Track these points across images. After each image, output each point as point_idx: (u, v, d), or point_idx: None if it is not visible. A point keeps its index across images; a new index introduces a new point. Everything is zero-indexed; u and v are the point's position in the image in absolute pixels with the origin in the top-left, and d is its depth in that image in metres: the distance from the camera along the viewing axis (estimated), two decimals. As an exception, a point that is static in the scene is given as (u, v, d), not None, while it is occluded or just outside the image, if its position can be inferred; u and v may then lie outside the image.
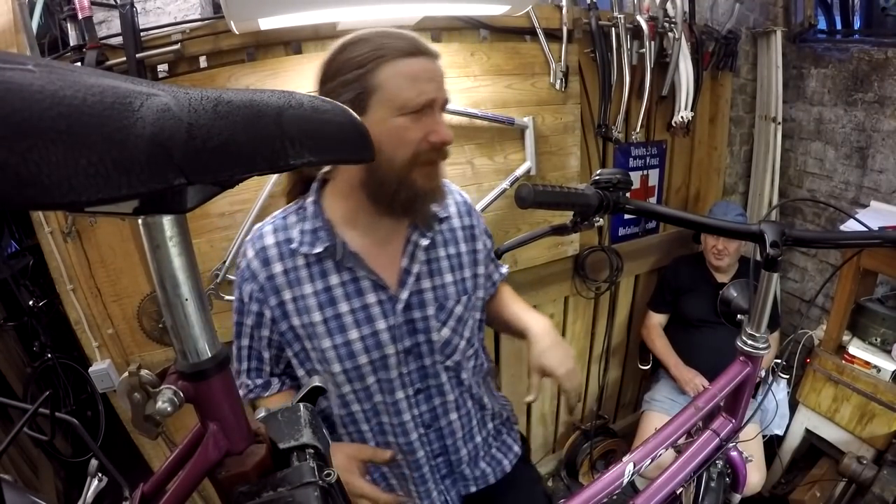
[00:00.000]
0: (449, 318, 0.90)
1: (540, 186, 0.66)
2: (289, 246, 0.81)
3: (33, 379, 2.29)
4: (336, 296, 0.82)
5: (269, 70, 1.31)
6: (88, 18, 1.14)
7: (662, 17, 1.73)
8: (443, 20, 1.47)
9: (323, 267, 0.82)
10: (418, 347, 0.88)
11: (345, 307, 0.83)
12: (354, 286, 0.83)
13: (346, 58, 0.73)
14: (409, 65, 0.72)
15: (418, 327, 0.87)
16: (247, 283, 0.83)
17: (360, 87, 0.71)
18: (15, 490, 0.55)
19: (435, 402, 0.92)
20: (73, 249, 1.26)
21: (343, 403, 0.89)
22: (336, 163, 0.39)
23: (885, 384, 1.63)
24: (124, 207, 0.32)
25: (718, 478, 0.97)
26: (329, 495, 0.40)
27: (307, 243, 0.80)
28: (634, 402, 2.50)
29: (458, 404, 0.95)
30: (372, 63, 0.71)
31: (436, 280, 0.88)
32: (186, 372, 0.38)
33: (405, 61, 0.72)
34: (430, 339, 0.88)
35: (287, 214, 0.85)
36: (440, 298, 0.89)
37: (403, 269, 0.85)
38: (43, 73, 0.26)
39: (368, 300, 0.83)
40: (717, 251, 1.90)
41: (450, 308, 0.90)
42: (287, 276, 0.82)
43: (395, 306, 0.84)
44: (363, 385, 0.87)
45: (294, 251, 0.81)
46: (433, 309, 0.88)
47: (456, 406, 0.95)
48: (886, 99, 1.97)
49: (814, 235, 0.82)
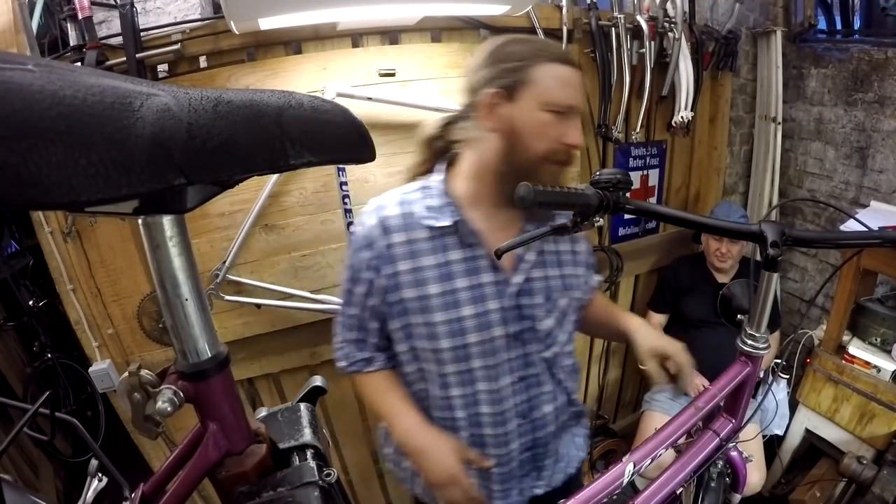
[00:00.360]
0: (554, 309, 0.93)
1: (540, 186, 0.66)
2: (412, 218, 0.85)
3: (33, 379, 2.29)
4: (454, 271, 0.85)
5: (269, 70, 1.31)
6: (88, 18, 1.14)
7: (662, 17, 1.73)
8: (443, 20, 1.47)
9: (444, 242, 0.85)
10: (523, 334, 0.91)
11: (461, 283, 0.85)
12: (472, 264, 0.86)
13: (510, 50, 0.80)
14: (562, 70, 0.80)
15: (525, 314, 0.90)
16: (363, 251, 0.86)
17: (517, 76, 0.79)
18: (15, 490, 0.55)
19: (532, 392, 0.94)
20: (73, 249, 1.26)
21: (444, 385, 0.90)
22: (336, 163, 0.39)
23: (885, 384, 1.63)
24: (124, 207, 0.32)
25: (718, 478, 0.97)
26: (329, 495, 0.40)
27: (435, 217, 0.85)
28: (634, 402, 2.50)
29: (553, 396, 0.97)
30: (532, 59, 0.78)
31: (546, 272, 0.92)
32: (186, 372, 0.38)
33: (560, 66, 0.80)
34: (535, 327, 0.91)
35: (410, 192, 0.89)
36: (548, 290, 0.92)
37: (518, 256, 0.89)
38: (43, 73, 0.26)
39: (483, 279, 0.86)
40: (721, 254, 1.89)
41: (555, 300, 0.93)
42: (407, 247, 0.85)
43: (507, 289, 0.88)
44: (468, 367, 0.89)
45: (417, 224, 0.85)
46: (541, 298, 0.91)
47: (551, 398, 0.97)
48: (886, 99, 1.97)
49: (814, 235, 0.82)
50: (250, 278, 1.40)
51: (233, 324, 1.43)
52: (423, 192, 0.88)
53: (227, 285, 1.39)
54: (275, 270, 1.43)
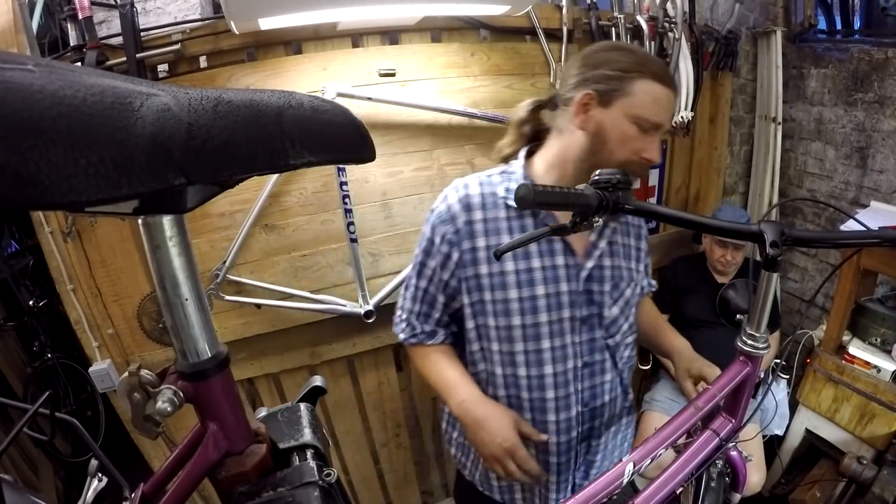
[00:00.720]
0: (620, 298, 0.96)
1: (540, 187, 0.66)
2: (493, 198, 0.89)
3: (33, 379, 2.28)
4: (531, 250, 0.89)
5: (269, 70, 1.31)
6: (88, 18, 1.14)
7: (662, 17, 1.73)
8: (443, 20, 1.47)
9: (523, 222, 0.89)
10: (591, 319, 0.93)
11: (537, 263, 0.89)
12: (548, 245, 0.90)
13: (614, 58, 0.83)
14: (659, 89, 0.83)
15: (595, 299, 0.93)
16: (443, 225, 0.90)
17: (616, 85, 0.82)
18: (15, 490, 0.55)
19: (596, 379, 0.96)
20: (73, 249, 1.26)
21: (511, 363, 0.92)
22: (336, 163, 0.39)
23: (885, 384, 1.63)
24: (124, 207, 0.32)
25: (718, 478, 0.97)
26: (329, 495, 0.40)
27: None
28: (634, 402, 2.50)
29: (612, 386, 0.99)
30: (634, 73, 0.82)
31: (614, 261, 0.96)
32: (186, 372, 0.38)
33: (657, 85, 0.82)
34: (602, 313, 0.94)
35: (491, 174, 0.93)
36: (616, 278, 0.95)
37: (591, 243, 0.93)
38: (43, 73, 0.26)
39: (557, 262, 0.90)
40: (724, 262, 1.87)
41: (622, 289, 0.97)
42: (486, 225, 0.89)
43: (579, 273, 0.91)
44: (536, 347, 0.91)
45: (498, 203, 0.89)
46: (609, 286, 0.94)
47: (611, 387, 0.99)
48: (886, 99, 1.96)
49: (813, 235, 0.82)
50: (250, 278, 1.40)
51: (233, 324, 1.43)
52: (503, 175, 0.92)
53: (227, 285, 1.39)
54: (275, 270, 1.43)
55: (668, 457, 0.86)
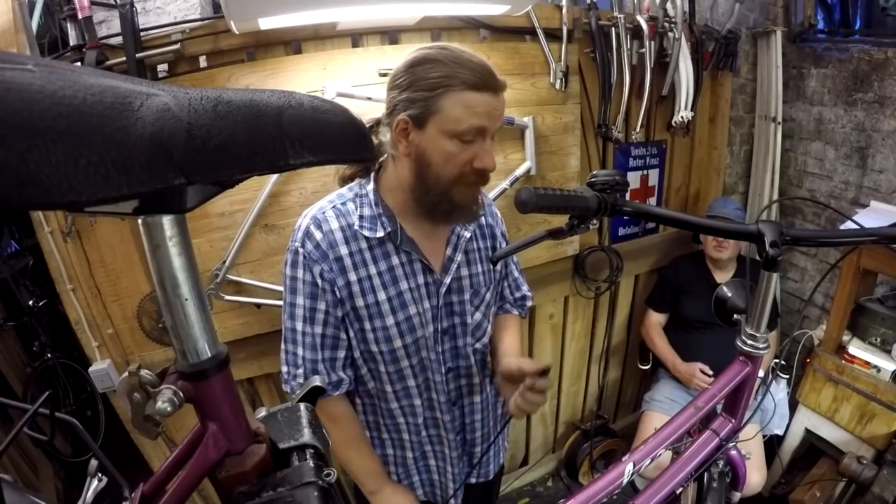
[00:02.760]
0: (481, 304, 1.01)
1: (541, 190, 0.66)
2: (352, 230, 0.88)
3: (33, 379, 2.28)
4: (398, 275, 0.91)
5: (269, 70, 1.31)
6: (88, 18, 1.14)
7: (662, 17, 1.73)
8: (443, 20, 1.47)
9: (385, 249, 0.90)
10: (454, 329, 0.99)
11: (405, 285, 0.91)
12: (411, 267, 0.92)
13: (419, 77, 0.79)
14: (471, 98, 0.78)
15: (455, 310, 0.98)
16: (317, 264, 0.87)
17: (423, 106, 0.79)
18: (15, 490, 0.55)
19: (462, 381, 1.04)
20: (73, 249, 1.26)
21: (400, 377, 0.97)
22: (336, 163, 0.39)
23: (885, 384, 1.63)
24: (124, 207, 0.32)
25: (720, 477, 0.97)
26: (329, 495, 0.40)
27: (370, 228, 0.88)
28: (634, 402, 2.50)
29: (481, 387, 1.06)
30: (440, 90, 0.78)
31: (472, 269, 0.99)
32: (186, 372, 0.38)
33: (467, 94, 0.78)
34: (465, 321, 0.99)
35: (345, 201, 0.91)
36: (475, 285, 0.99)
37: (448, 258, 0.95)
38: (43, 73, 0.26)
39: (419, 281, 0.93)
40: (718, 242, 1.91)
41: (483, 294, 1.01)
42: (353, 259, 0.88)
43: (438, 289, 0.94)
44: (418, 359, 0.96)
45: (357, 234, 0.88)
46: (469, 294, 0.98)
47: (480, 388, 1.06)
48: (886, 99, 1.96)
49: (812, 234, 0.82)
50: (250, 278, 1.40)
51: (233, 324, 1.43)
52: (356, 201, 0.90)
53: (227, 285, 1.39)
54: (275, 270, 1.43)
55: (668, 457, 0.86)
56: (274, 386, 1.62)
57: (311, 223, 0.88)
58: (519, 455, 2.27)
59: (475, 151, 0.81)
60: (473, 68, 0.78)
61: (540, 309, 1.98)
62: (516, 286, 1.15)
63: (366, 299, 0.89)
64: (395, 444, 1.05)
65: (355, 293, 0.88)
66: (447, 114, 0.78)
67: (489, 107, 0.80)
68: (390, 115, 0.83)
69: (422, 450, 1.07)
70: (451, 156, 0.81)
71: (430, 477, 1.10)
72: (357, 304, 0.89)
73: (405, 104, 0.80)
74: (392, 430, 1.03)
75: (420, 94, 0.78)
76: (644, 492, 0.81)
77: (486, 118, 0.80)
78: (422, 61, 0.80)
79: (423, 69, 0.79)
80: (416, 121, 0.80)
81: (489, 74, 0.80)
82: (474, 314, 1.00)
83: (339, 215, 0.88)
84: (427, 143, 0.81)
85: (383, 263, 0.89)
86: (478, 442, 1.10)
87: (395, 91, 0.82)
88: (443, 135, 0.79)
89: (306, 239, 0.87)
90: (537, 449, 2.28)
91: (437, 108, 0.78)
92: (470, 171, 0.82)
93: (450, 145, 0.80)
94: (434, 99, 0.78)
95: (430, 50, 0.81)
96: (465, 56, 0.79)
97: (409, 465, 1.07)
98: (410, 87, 0.80)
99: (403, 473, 1.09)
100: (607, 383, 2.30)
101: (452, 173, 0.82)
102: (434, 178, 0.82)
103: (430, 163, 0.82)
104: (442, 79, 0.77)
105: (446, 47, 0.81)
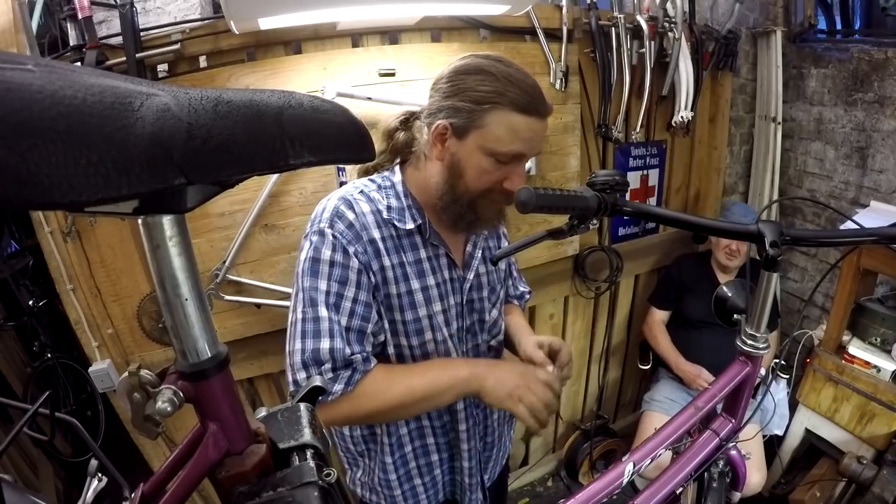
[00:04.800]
0: (498, 301, 1.01)
1: (541, 190, 0.66)
2: (381, 216, 0.85)
3: (33, 379, 2.28)
4: (426, 269, 0.89)
5: (269, 70, 1.31)
6: (88, 18, 1.14)
7: (662, 17, 1.73)
8: (443, 20, 1.47)
9: (413, 241, 0.88)
10: (474, 326, 0.97)
11: (431, 280, 0.89)
12: (437, 262, 0.90)
13: (468, 86, 0.77)
14: (516, 121, 0.77)
15: (476, 307, 0.97)
16: (351, 245, 0.81)
17: (467, 119, 0.78)
18: (15, 490, 0.55)
19: None
20: (73, 249, 1.26)
21: None
22: (336, 163, 0.39)
23: (885, 384, 1.63)
24: (124, 207, 0.32)
25: (720, 477, 0.97)
26: (329, 495, 0.40)
27: (399, 219, 0.86)
28: (634, 402, 2.50)
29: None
30: (487, 105, 0.76)
31: (488, 266, 0.99)
32: (186, 372, 0.38)
33: (514, 116, 0.76)
34: (483, 318, 0.98)
35: (370, 191, 0.87)
36: (492, 282, 0.99)
37: (469, 254, 0.95)
38: (43, 72, 0.26)
39: (445, 276, 0.91)
40: (731, 251, 1.89)
41: (498, 291, 1.01)
42: (386, 244, 0.85)
43: (462, 285, 0.93)
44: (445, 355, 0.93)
45: (387, 222, 0.85)
46: (487, 291, 0.98)
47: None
48: (886, 99, 1.97)
49: (812, 234, 0.82)
50: (250, 278, 1.40)
51: (233, 324, 1.43)
52: (382, 191, 0.88)
53: (227, 285, 1.39)
54: (275, 270, 1.43)
55: (668, 457, 0.86)
56: (274, 386, 1.62)
57: (340, 203, 0.83)
58: (519, 455, 2.27)
59: (508, 173, 0.81)
60: (525, 89, 0.77)
61: (540, 309, 1.98)
62: (515, 285, 1.17)
63: (398, 287, 0.85)
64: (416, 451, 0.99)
65: (389, 279, 0.84)
66: (490, 131, 0.77)
67: (533, 132, 0.79)
68: (430, 117, 0.82)
69: (449, 451, 1.02)
70: (485, 172, 0.80)
71: (454, 477, 1.06)
72: (391, 292, 0.85)
73: (449, 112, 0.79)
74: (416, 436, 0.98)
75: (466, 105, 0.77)
76: (644, 492, 0.81)
77: (527, 144, 0.79)
78: (474, 70, 0.78)
79: (473, 79, 0.77)
80: (457, 130, 0.79)
81: (539, 97, 0.78)
82: (491, 311, 0.99)
83: (368, 201, 0.85)
84: (463, 154, 0.80)
85: (414, 254, 0.87)
86: (496, 444, 1.08)
87: (439, 94, 0.81)
88: (481, 150, 0.79)
89: (336, 219, 0.81)
90: (537, 449, 2.28)
91: (481, 123, 0.77)
92: (499, 190, 0.82)
93: (485, 162, 0.79)
94: (479, 113, 0.77)
95: (483, 60, 0.79)
96: (518, 75, 0.78)
97: (434, 465, 1.02)
98: (457, 94, 0.78)
99: (426, 468, 1.01)
100: (607, 383, 2.30)
101: (482, 188, 0.82)
102: (464, 188, 0.82)
103: (463, 174, 0.81)
104: (491, 94, 0.76)
105: (501, 60, 0.79)
